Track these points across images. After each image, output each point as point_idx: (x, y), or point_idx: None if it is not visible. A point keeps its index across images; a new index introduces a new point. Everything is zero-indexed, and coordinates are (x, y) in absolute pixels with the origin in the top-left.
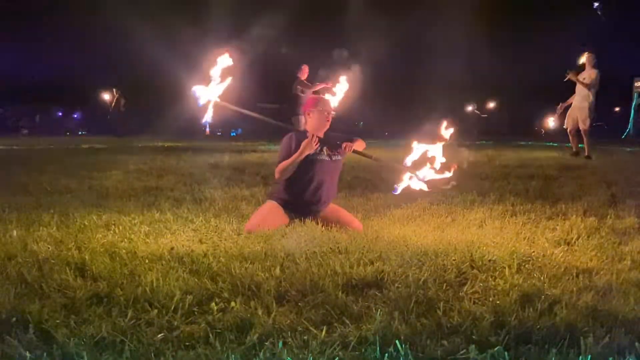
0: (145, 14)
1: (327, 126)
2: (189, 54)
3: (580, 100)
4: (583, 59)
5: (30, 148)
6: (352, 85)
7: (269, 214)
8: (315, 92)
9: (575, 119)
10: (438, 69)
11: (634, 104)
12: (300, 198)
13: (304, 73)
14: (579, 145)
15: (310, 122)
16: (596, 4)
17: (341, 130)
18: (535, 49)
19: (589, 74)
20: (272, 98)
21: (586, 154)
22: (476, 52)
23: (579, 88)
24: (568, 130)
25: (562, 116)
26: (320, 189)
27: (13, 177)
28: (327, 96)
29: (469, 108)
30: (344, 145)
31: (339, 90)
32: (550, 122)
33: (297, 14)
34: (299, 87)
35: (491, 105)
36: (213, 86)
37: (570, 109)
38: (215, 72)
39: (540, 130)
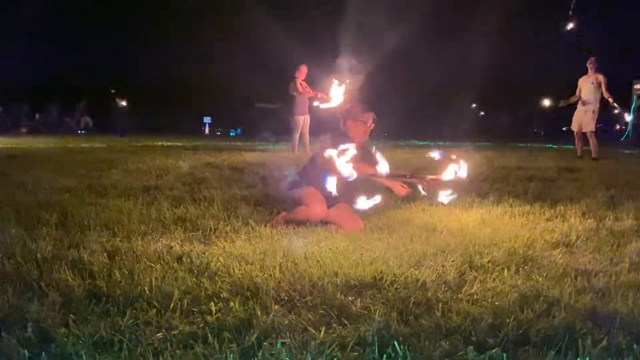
0: (142, 14)
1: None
2: (189, 53)
3: (586, 103)
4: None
5: (29, 147)
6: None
7: (318, 195)
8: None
9: (581, 122)
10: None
11: (633, 106)
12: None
13: (302, 74)
14: (584, 148)
15: (354, 131)
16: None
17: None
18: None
19: (596, 78)
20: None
21: (593, 156)
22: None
23: (585, 91)
24: (575, 133)
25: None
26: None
27: (12, 176)
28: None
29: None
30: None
31: (334, 97)
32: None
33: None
34: (293, 88)
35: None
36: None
37: (576, 111)
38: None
39: (539, 131)
